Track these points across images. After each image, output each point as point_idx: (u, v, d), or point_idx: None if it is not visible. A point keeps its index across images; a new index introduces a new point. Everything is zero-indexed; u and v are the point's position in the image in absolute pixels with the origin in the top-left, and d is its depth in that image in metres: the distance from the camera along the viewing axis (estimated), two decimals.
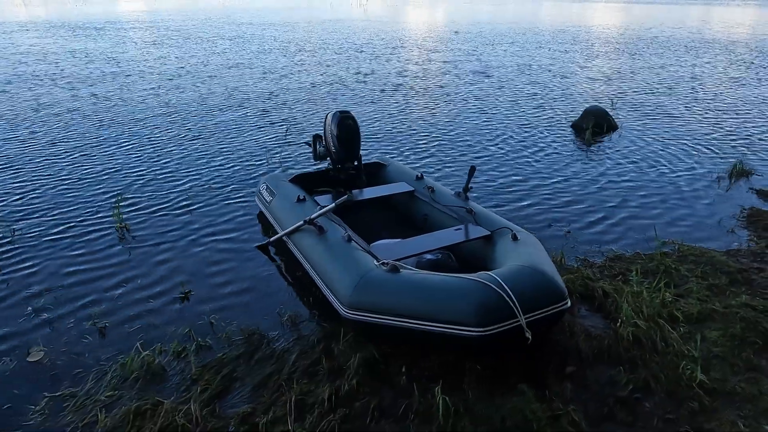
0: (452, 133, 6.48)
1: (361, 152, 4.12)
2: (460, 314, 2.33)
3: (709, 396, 2.29)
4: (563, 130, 6.63)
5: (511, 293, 2.34)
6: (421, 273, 2.61)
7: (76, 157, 5.58)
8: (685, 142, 6.13)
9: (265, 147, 5.95)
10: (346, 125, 3.90)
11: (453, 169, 5.30)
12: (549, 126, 6.82)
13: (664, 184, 4.86)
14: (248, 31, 17.92)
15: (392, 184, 4.08)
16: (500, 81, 9.69)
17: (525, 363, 2.47)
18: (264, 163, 5.44)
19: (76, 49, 13.38)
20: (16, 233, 3.89)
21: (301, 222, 3.23)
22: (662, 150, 5.83)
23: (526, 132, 6.55)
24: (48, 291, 3.18)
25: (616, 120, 6.75)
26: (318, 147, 4.14)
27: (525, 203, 4.47)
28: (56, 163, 5.42)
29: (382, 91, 8.88)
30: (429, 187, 3.83)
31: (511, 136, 6.36)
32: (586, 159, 5.58)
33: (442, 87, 9.20)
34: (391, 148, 5.96)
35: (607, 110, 6.85)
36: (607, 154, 5.74)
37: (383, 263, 2.71)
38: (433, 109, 7.70)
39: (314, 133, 4.23)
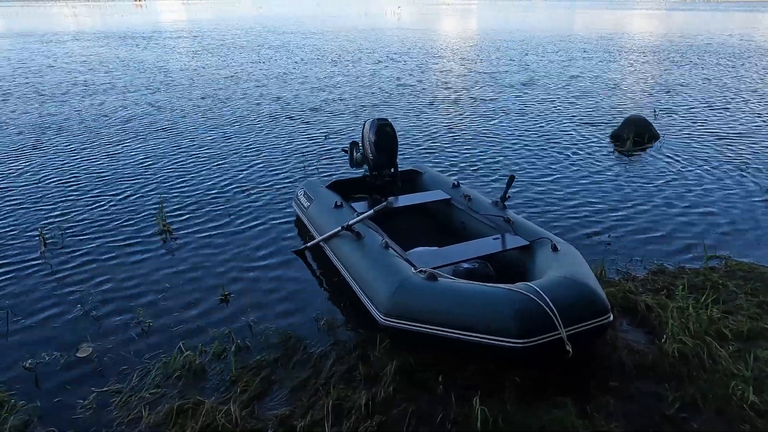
0: (490, 142, 6.43)
1: (398, 160, 4.13)
2: (500, 325, 2.31)
3: (762, 418, 2.19)
4: (603, 139, 6.50)
5: (551, 305, 2.30)
6: (459, 282, 2.60)
7: (122, 163, 5.79)
8: (731, 153, 5.92)
9: (303, 154, 6.04)
10: (384, 132, 3.93)
11: (492, 178, 5.25)
12: (588, 135, 6.69)
13: (709, 197, 4.70)
14: (286, 41, 18.28)
15: (429, 192, 4.08)
16: (539, 89, 9.58)
17: (566, 376, 2.42)
18: (302, 169, 5.52)
19: (125, 58, 13.91)
20: (66, 236, 4.06)
21: (339, 228, 3.26)
22: (707, 161, 5.65)
23: (564, 141, 6.44)
24: (96, 291, 3.30)
25: (658, 130, 6.58)
26: (355, 154, 4.19)
27: (563, 213, 4.39)
28: (104, 168, 5.63)
29: (420, 99, 8.90)
30: (466, 196, 3.82)
31: (549, 145, 6.28)
32: (626, 169, 5.45)
33: (479, 95, 9.16)
34: (428, 155, 5.96)
35: (649, 120, 6.68)
36: (648, 164, 5.59)
37: (421, 271, 2.71)
38: (470, 117, 7.67)
39: (351, 140, 4.28)
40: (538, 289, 2.37)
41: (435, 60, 13.50)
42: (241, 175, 5.35)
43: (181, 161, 5.81)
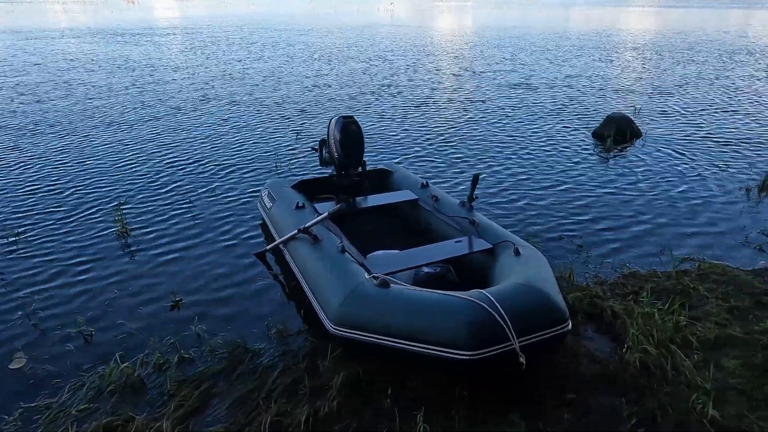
0: (467, 139, 6.30)
1: (376, 158, 3.99)
2: (448, 335, 2.18)
3: None
4: (583, 137, 6.38)
5: (504, 314, 2.18)
6: (411, 289, 2.47)
7: (81, 161, 5.61)
8: (713, 152, 5.81)
9: (276, 152, 5.89)
10: (350, 130, 3.78)
11: (467, 176, 5.12)
12: (568, 133, 6.57)
13: (688, 196, 4.59)
14: (275, 38, 18.07)
15: (396, 192, 3.95)
16: (520, 86, 9.46)
17: (520, 389, 2.30)
18: (273, 168, 5.38)
19: (107, 55, 13.68)
20: (20, 238, 3.90)
21: (296, 230, 3.13)
22: (688, 160, 5.54)
23: (545, 139, 6.32)
24: (41, 296, 3.16)
25: (640, 128, 6.46)
26: (324, 152, 4.04)
27: (536, 213, 4.27)
28: (65, 165, 5.46)
29: (403, 97, 8.76)
30: (433, 196, 3.69)
31: (529, 143, 6.15)
32: (605, 168, 5.33)
33: (461, 93, 9.03)
34: (405, 154, 5.82)
35: (631, 117, 6.56)
36: (629, 163, 5.48)
37: (373, 277, 2.57)
38: (450, 114, 7.53)
39: (321, 138, 4.14)
40: (490, 297, 2.24)
41: (421, 57, 13.35)
42: (210, 174, 5.19)
43: (148, 159, 5.64)
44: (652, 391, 2.28)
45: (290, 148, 6.07)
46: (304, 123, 7.15)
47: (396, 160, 5.54)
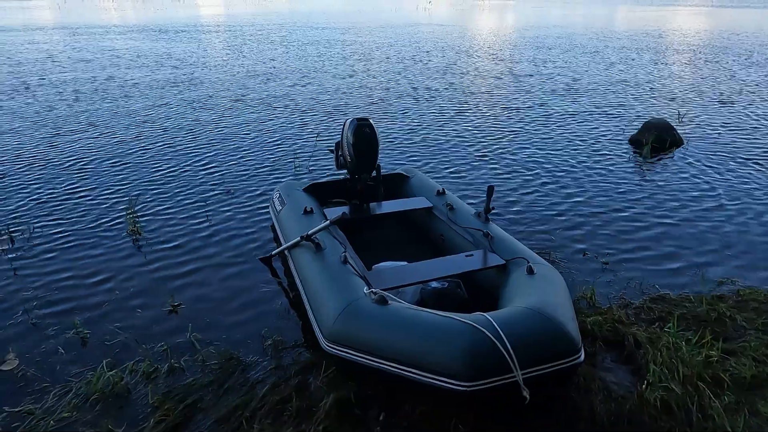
0: (496, 143, 6.05)
1: (400, 162, 3.82)
2: (445, 362, 1.99)
3: None
4: (619, 145, 6.03)
5: (506, 342, 1.98)
6: (410, 308, 2.29)
7: (101, 157, 5.64)
8: (762, 164, 5.37)
9: (297, 153, 5.80)
10: (363, 133, 3.62)
11: (494, 182, 4.86)
12: (603, 139, 6.23)
13: (731, 214, 4.21)
14: (311, 36, 18.10)
15: (410, 199, 3.77)
16: (557, 89, 9.08)
17: (522, 426, 2.09)
18: (292, 170, 5.29)
19: (140, 50, 14.00)
20: (34, 234, 3.92)
21: (299, 237, 3.00)
22: (733, 173, 5.12)
23: (575, 145, 6.01)
24: (43, 294, 3.14)
25: (682, 135, 6.06)
26: (339, 155, 3.91)
27: (560, 225, 4.01)
28: (82, 162, 5.50)
29: (432, 99, 8.55)
30: (448, 205, 3.49)
31: (559, 149, 5.85)
32: (639, 178, 4.99)
33: (495, 96, 8.74)
34: (431, 157, 5.61)
35: (673, 124, 6.16)
36: (666, 173, 5.11)
37: (372, 292, 2.41)
38: (480, 116, 7.28)
39: (338, 140, 4.00)
40: (493, 323, 2.04)
41: (456, 59, 13.07)
42: (228, 174, 5.13)
43: (166, 158, 5.63)
44: None
45: (312, 149, 5.97)
46: (330, 123, 7.04)
47: (418, 164, 5.35)
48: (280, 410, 2.23)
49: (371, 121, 3.64)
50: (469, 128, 6.71)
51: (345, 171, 3.92)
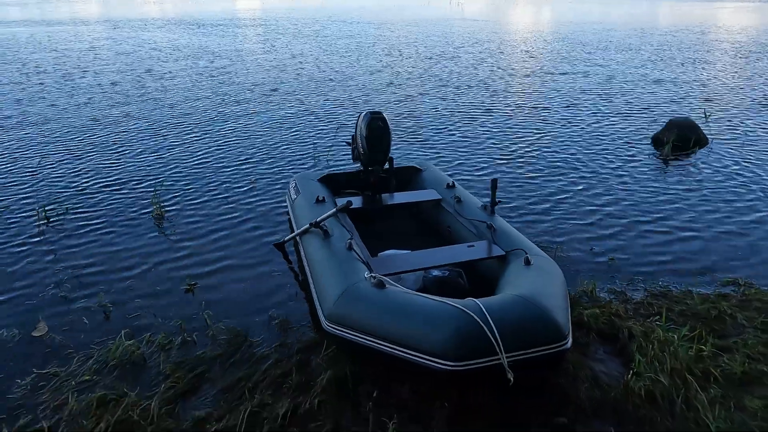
0: (519, 138, 6.07)
1: (419, 155, 3.91)
2: (434, 343, 2.10)
3: None
4: (641, 142, 5.96)
5: (493, 326, 2.07)
6: (406, 292, 2.40)
7: (129, 148, 5.91)
8: None
9: (316, 146, 5.95)
10: (375, 126, 3.73)
11: (509, 176, 4.93)
12: (625, 136, 6.16)
13: (749, 214, 4.15)
14: (341, 30, 18.28)
15: (420, 191, 3.87)
16: (586, 85, 8.97)
17: (507, 407, 2.18)
18: (312, 160, 5.44)
19: (176, 43, 14.43)
20: (68, 215, 4.19)
21: (308, 224, 3.14)
22: (757, 173, 5.02)
23: (597, 142, 5.97)
24: (74, 272, 3.37)
25: (707, 134, 5.95)
26: (354, 147, 4.04)
27: (572, 222, 4.04)
28: (111, 150, 5.79)
29: (457, 93, 8.59)
30: (457, 197, 3.58)
31: (580, 146, 5.83)
32: (658, 177, 4.95)
33: (520, 89, 8.71)
34: (450, 151, 5.69)
35: (698, 123, 6.05)
36: (686, 172, 5.05)
37: (371, 276, 2.53)
38: (504, 110, 7.29)
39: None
40: (481, 307, 2.13)
41: (486, 54, 13.01)
42: (249, 164, 5.33)
43: (194, 148, 5.87)
44: (653, 425, 2.09)
45: (332, 141, 6.12)
46: (352, 117, 7.18)
47: (438, 157, 5.44)
48: (280, 383, 2.38)
49: (385, 114, 3.75)
50: (496, 124, 6.74)
51: (359, 162, 4.05)
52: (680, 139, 5.63)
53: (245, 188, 4.72)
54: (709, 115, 6.87)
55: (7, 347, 2.67)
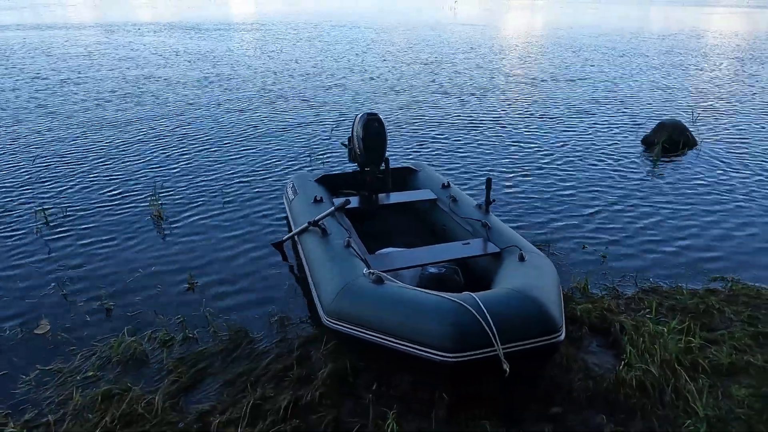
0: (510, 139, 6.16)
1: (413, 156, 3.99)
2: (432, 335, 2.16)
3: None
4: (632, 144, 6.07)
5: (489, 318, 2.13)
6: (403, 287, 2.46)
7: (125, 150, 5.94)
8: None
9: (312, 146, 6.01)
10: (372, 128, 3.80)
11: (499, 177, 5.02)
12: (616, 138, 6.28)
13: (735, 214, 4.25)
14: (336, 35, 18.36)
15: (415, 191, 3.94)
16: (575, 88, 9.10)
17: (503, 397, 2.24)
18: (307, 162, 5.50)
19: (172, 47, 14.45)
20: (67, 215, 4.22)
21: (306, 224, 3.20)
22: (743, 173, 5.14)
23: (588, 144, 6.07)
24: (73, 269, 3.41)
25: (696, 136, 6.07)
26: (351, 148, 4.10)
27: (564, 219, 4.13)
28: (109, 151, 5.82)
29: (450, 98, 8.68)
30: (452, 197, 3.65)
31: (571, 147, 5.93)
32: (648, 177, 5.05)
33: (511, 93, 8.82)
34: (442, 152, 5.77)
35: (687, 125, 6.17)
36: (675, 173, 5.16)
37: (370, 272, 2.59)
38: (496, 116, 7.39)
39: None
40: (477, 300, 2.20)
41: (477, 58, 13.14)
42: (245, 166, 5.37)
43: (190, 149, 5.91)
44: (644, 413, 2.17)
45: (326, 142, 6.18)
46: (345, 119, 7.24)
47: (432, 158, 5.51)
48: (281, 377, 2.43)
49: (380, 116, 3.82)
50: (488, 127, 6.83)
51: (356, 163, 4.12)
52: (669, 141, 5.74)
53: (242, 189, 4.77)
54: (697, 117, 7.00)
55: (10, 345, 2.71)
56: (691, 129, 6.14)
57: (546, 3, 40.87)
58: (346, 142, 4.20)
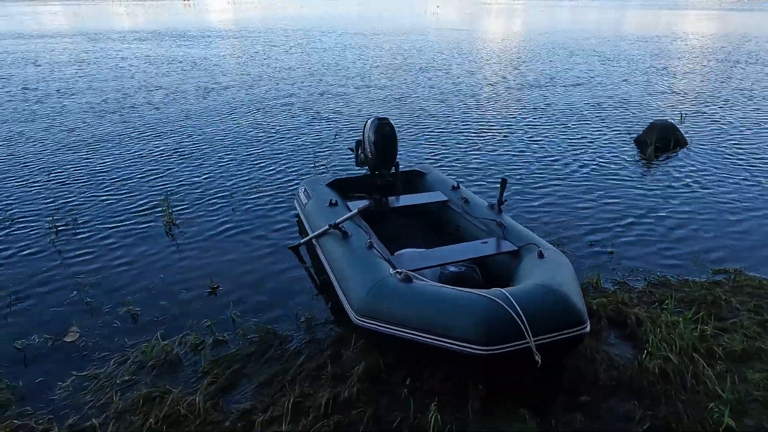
0: (505, 142, 6.31)
1: (415, 159, 4.08)
2: (465, 330, 2.25)
3: None
4: (625, 144, 6.26)
5: (521, 312, 2.23)
6: (432, 284, 2.55)
7: (137, 154, 5.97)
8: (761, 163, 5.59)
9: (315, 151, 6.08)
10: (384, 132, 3.89)
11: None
12: (609, 139, 6.47)
13: (730, 208, 4.45)
14: (322, 41, 18.44)
15: (427, 193, 4.04)
16: (565, 90, 9.32)
17: (534, 388, 2.35)
18: (312, 167, 5.57)
19: (156, 55, 14.39)
20: (78, 223, 4.23)
21: (327, 226, 3.27)
22: (733, 170, 5.35)
23: (583, 144, 6.25)
24: (94, 278, 3.43)
25: (685, 135, 6.28)
26: (360, 153, 4.18)
27: (569, 218, 4.26)
28: (118, 159, 5.82)
29: (442, 99, 8.82)
30: (463, 198, 3.75)
31: (567, 148, 6.10)
32: (643, 176, 5.23)
33: (502, 96, 9.00)
34: (442, 156, 5.88)
35: (676, 125, 6.39)
36: (670, 171, 5.35)
37: (398, 272, 2.68)
38: (488, 117, 7.54)
39: (358, 139, 4.27)
40: (508, 295, 2.30)
41: (463, 61, 13.34)
42: (253, 171, 5.42)
43: (195, 154, 5.94)
44: (668, 399, 2.28)
45: (330, 148, 6.25)
46: (347, 124, 7.33)
47: (433, 162, 5.62)
48: (316, 375, 2.50)
49: (390, 120, 3.91)
50: (478, 127, 6.97)
51: (365, 167, 4.20)
52: (661, 140, 5.94)
53: (251, 194, 4.82)
54: (684, 117, 7.24)
55: (41, 353, 2.73)
56: (680, 128, 6.35)
57: (524, 6, 41.51)
58: (353, 147, 4.29)
